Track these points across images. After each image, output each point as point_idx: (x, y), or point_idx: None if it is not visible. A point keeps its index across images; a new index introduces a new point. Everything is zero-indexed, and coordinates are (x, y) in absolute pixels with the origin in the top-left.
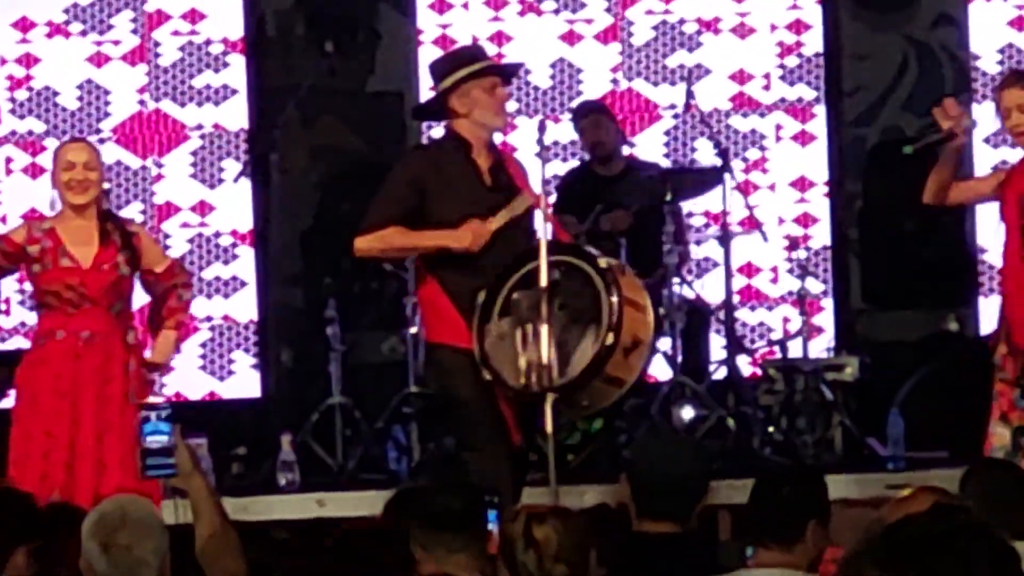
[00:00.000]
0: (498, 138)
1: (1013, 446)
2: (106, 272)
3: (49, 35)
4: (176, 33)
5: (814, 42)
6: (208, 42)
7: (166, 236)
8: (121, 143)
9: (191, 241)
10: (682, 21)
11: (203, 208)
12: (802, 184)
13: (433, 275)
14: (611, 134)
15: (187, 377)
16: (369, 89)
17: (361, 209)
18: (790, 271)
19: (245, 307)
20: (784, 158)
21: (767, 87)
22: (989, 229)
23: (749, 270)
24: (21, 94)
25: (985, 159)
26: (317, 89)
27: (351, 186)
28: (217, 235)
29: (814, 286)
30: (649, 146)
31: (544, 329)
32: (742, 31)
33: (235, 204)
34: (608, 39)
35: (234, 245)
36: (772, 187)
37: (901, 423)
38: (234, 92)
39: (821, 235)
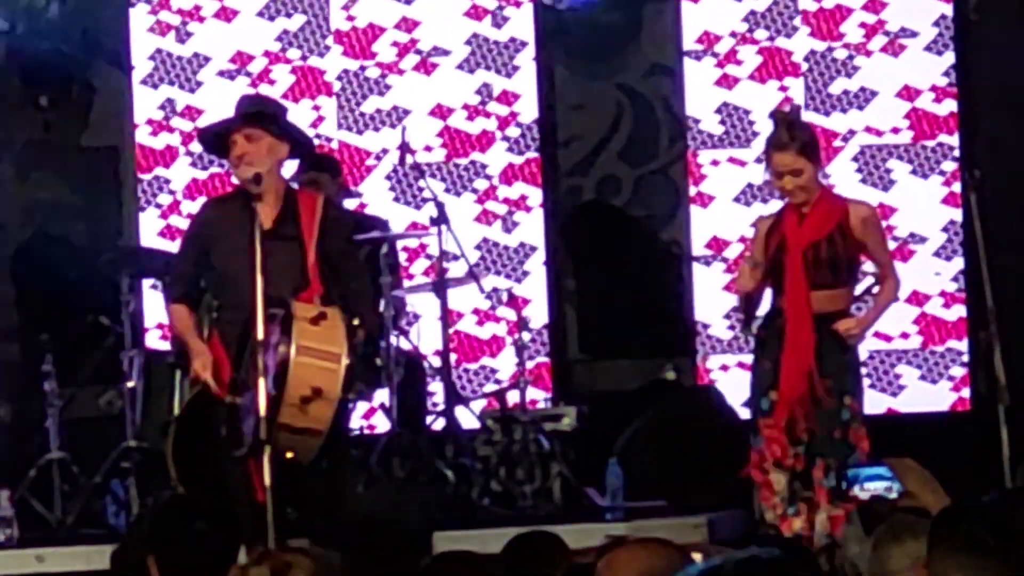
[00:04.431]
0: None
1: (789, 492)
2: None
3: None
4: None
5: (531, 106)
6: None
7: None
8: None
9: None
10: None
11: None
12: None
13: None
14: (330, 188)
15: None
16: (84, 143)
17: (78, 263)
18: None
19: None
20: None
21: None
22: (704, 289)
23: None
24: None
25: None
26: (32, 144)
27: (66, 241)
28: None
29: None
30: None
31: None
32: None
33: None
34: None
35: None
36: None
37: (620, 473)
38: None
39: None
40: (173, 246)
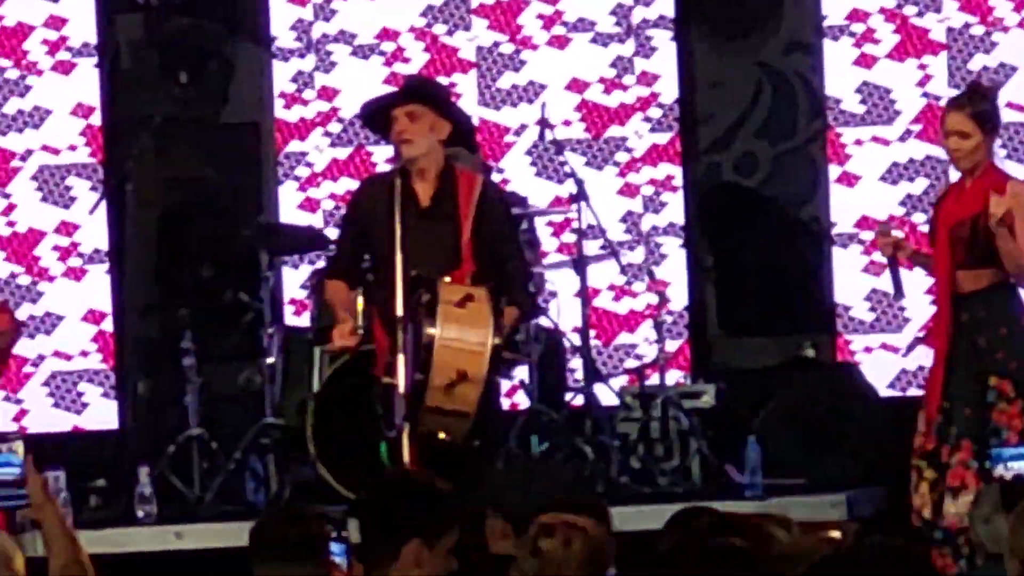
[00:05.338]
0: None
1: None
2: None
3: None
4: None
5: (671, 86)
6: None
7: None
8: None
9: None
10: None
11: (67, 230)
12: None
13: None
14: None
15: (41, 412)
16: (223, 120)
17: (218, 239)
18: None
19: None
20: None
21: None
22: (844, 264)
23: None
24: None
25: None
26: (171, 120)
27: (206, 217)
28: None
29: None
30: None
31: (400, 359)
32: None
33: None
34: None
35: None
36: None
37: (758, 450)
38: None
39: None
40: (312, 220)
